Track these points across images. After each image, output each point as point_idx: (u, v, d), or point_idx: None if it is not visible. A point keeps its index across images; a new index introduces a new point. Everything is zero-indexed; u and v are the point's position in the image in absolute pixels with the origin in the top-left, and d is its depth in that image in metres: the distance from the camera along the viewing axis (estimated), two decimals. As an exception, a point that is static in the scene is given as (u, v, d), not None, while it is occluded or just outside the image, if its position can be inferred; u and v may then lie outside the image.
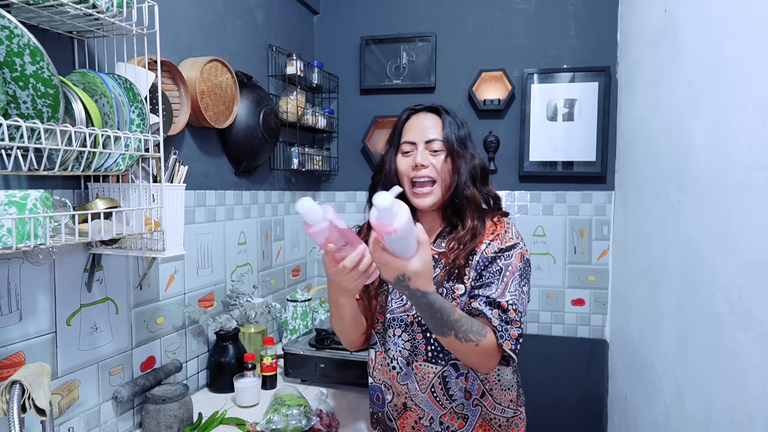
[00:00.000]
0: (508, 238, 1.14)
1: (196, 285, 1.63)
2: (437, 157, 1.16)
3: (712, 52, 1.19)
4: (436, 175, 1.15)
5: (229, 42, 1.78)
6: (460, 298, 1.12)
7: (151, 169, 1.18)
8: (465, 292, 1.12)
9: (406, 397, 1.18)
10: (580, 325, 2.26)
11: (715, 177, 1.14)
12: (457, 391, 1.14)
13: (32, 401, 0.93)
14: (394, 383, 1.19)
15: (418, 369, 1.16)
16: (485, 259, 1.12)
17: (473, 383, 1.15)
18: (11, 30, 0.85)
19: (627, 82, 2.00)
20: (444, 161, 1.16)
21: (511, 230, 1.16)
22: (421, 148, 1.16)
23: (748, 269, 0.99)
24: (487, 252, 1.13)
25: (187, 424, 1.35)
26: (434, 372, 1.14)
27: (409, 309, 1.17)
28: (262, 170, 2.00)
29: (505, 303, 1.05)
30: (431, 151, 1.16)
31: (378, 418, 1.26)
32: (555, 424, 2.26)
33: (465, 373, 1.14)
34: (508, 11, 2.26)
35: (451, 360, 1.14)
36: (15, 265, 1.04)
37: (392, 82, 2.40)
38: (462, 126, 1.19)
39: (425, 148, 1.16)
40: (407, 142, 1.18)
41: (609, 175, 2.18)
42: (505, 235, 1.15)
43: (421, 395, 1.15)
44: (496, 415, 1.17)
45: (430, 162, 1.15)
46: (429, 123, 1.18)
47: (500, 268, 1.10)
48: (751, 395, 0.97)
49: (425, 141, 1.16)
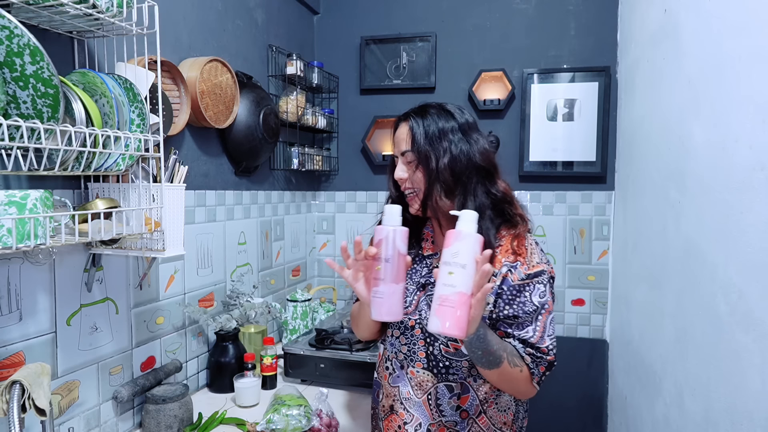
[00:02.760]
0: (535, 262, 1.06)
1: (196, 285, 1.63)
2: (411, 168, 1.08)
3: (712, 52, 1.19)
4: (413, 186, 1.09)
5: (229, 42, 1.78)
6: None
7: (151, 169, 1.18)
8: None
9: (394, 399, 1.16)
10: (580, 325, 2.26)
11: (715, 177, 1.14)
12: (448, 409, 1.11)
13: (32, 401, 0.93)
14: (385, 383, 1.19)
15: (414, 375, 1.13)
16: (511, 287, 1.04)
17: (471, 403, 1.10)
18: (11, 30, 0.85)
19: (627, 82, 2.00)
20: (414, 171, 1.08)
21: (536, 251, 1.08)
22: (399, 161, 1.11)
23: (748, 269, 0.99)
24: (513, 279, 1.05)
25: (187, 424, 1.35)
26: (433, 382, 1.11)
27: (411, 313, 1.12)
28: (262, 170, 2.00)
29: (545, 348, 1.03)
30: (407, 162, 1.09)
31: (374, 414, 1.26)
32: (555, 424, 2.26)
33: (459, 394, 1.10)
34: (508, 11, 2.26)
35: (446, 381, 1.10)
36: (15, 265, 1.04)
37: (392, 82, 2.40)
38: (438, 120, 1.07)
39: (402, 161, 1.10)
40: (392, 155, 1.15)
41: (609, 175, 2.18)
42: (532, 257, 1.06)
43: (415, 400, 1.13)
44: None
45: (408, 175, 1.09)
46: (403, 134, 1.10)
47: (536, 306, 1.03)
48: (751, 395, 0.97)
49: (400, 154, 1.10)
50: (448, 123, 1.07)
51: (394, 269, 0.93)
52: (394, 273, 0.93)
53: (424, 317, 1.11)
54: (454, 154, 1.05)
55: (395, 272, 0.93)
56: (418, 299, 1.13)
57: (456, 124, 1.07)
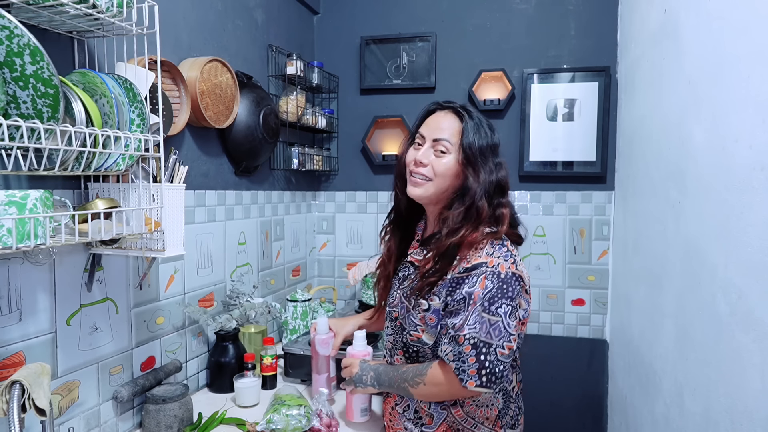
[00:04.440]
0: (476, 257, 1.09)
1: (196, 285, 1.63)
2: (440, 158, 1.14)
3: (712, 52, 1.19)
4: (432, 174, 1.15)
5: (229, 42, 1.78)
6: (425, 312, 1.13)
7: (151, 169, 1.18)
8: (429, 308, 1.12)
9: None
10: (580, 325, 2.26)
11: (715, 177, 1.14)
12: None
13: (32, 401, 0.93)
14: None
15: (398, 362, 1.24)
16: (451, 280, 1.10)
17: None
18: (11, 30, 0.85)
19: (627, 82, 2.00)
20: (448, 164, 1.14)
21: (485, 249, 1.09)
22: (427, 145, 1.16)
23: (748, 269, 0.99)
24: (454, 272, 1.10)
25: (187, 424, 1.35)
26: None
27: (396, 305, 1.23)
28: (262, 170, 2.00)
29: (462, 337, 1.04)
30: (437, 150, 1.15)
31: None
32: (555, 424, 2.26)
33: None
34: (508, 11, 2.26)
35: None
36: (15, 265, 1.04)
37: (392, 82, 2.40)
38: (485, 135, 1.14)
39: (431, 146, 1.16)
40: (420, 134, 1.19)
41: (609, 175, 2.18)
42: (474, 253, 1.09)
43: None
44: (466, 427, 1.16)
45: (430, 161, 1.15)
46: (446, 123, 1.16)
47: (463, 296, 1.06)
48: (751, 395, 0.97)
49: (433, 139, 1.15)
50: (493, 140, 1.16)
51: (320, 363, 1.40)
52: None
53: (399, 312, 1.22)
54: (498, 175, 1.14)
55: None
56: (399, 294, 1.23)
57: (496, 144, 1.17)
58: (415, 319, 1.15)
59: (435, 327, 1.13)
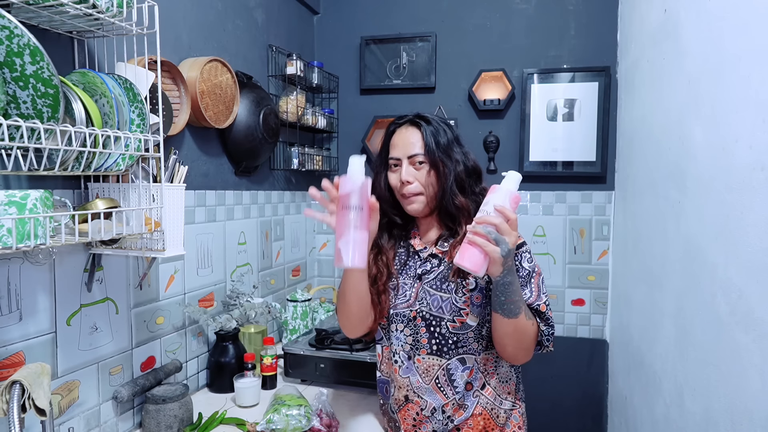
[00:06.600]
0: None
1: (196, 285, 1.63)
2: (421, 170, 1.19)
3: (712, 52, 1.19)
4: (421, 188, 1.19)
5: (229, 42, 1.78)
6: (471, 293, 1.17)
7: (151, 169, 1.18)
8: (476, 286, 1.17)
9: (407, 390, 1.22)
10: (580, 325, 2.26)
11: (715, 177, 1.14)
12: (460, 383, 1.19)
13: (32, 401, 0.93)
14: (396, 377, 1.24)
15: (420, 362, 1.21)
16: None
17: (476, 375, 1.20)
18: (11, 30, 0.85)
19: (627, 82, 2.00)
20: (427, 174, 1.19)
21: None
22: (405, 164, 1.19)
23: (748, 269, 0.99)
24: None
25: (187, 424, 1.35)
26: (439, 365, 1.19)
27: (412, 305, 1.21)
28: (262, 170, 2.00)
29: (544, 305, 1.15)
30: (415, 165, 1.19)
31: (385, 410, 1.33)
32: (555, 423, 2.26)
33: (470, 367, 1.19)
34: (508, 11, 2.26)
35: (458, 355, 1.19)
36: (15, 265, 1.04)
37: (392, 82, 2.40)
38: (444, 132, 1.20)
39: (409, 163, 1.19)
40: (393, 158, 1.22)
41: (609, 175, 2.18)
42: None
43: (425, 387, 1.20)
44: (495, 405, 1.21)
45: (414, 176, 1.19)
46: (413, 138, 1.19)
47: (528, 271, 1.17)
48: (751, 395, 0.97)
49: (408, 156, 1.19)
50: (452, 134, 1.22)
51: (366, 217, 1.01)
52: (366, 220, 1.01)
53: (423, 306, 1.20)
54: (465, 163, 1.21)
55: (366, 220, 1.01)
56: (416, 290, 1.22)
57: (455, 136, 1.23)
58: (458, 302, 1.17)
59: (480, 306, 1.17)
